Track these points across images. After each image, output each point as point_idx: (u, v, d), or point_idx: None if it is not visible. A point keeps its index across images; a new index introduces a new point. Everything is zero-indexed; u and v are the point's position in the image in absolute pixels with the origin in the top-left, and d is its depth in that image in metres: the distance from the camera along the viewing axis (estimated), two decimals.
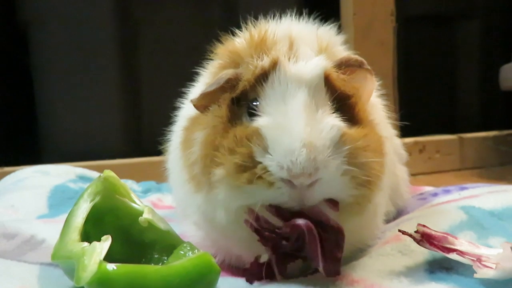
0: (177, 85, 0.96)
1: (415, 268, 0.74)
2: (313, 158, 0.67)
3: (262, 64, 0.74)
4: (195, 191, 0.78)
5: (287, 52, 0.75)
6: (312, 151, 0.67)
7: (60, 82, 2.04)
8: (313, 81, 0.73)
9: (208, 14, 2.15)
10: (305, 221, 0.68)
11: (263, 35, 0.78)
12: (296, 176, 0.67)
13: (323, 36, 0.82)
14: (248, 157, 0.69)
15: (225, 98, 0.76)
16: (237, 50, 0.79)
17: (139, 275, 0.64)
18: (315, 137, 0.68)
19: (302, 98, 0.71)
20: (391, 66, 2.13)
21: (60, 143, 2.05)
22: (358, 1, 2.11)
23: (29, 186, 1.41)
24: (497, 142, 2.45)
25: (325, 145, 0.69)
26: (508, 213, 0.92)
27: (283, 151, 0.67)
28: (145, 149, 1.97)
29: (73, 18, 2.02)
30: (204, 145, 0.74)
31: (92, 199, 0.81)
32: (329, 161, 0.68)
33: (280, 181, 0.68)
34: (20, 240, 0.92)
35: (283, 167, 0.67)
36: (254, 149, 0.69)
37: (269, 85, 0.73)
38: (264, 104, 0.73)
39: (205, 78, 0.89)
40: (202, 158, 0.74)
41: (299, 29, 0.83)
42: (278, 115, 0.71)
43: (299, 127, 0.68)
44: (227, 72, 0.77)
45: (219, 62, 0.83)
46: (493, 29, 2.67)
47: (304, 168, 0.66)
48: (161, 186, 1.59)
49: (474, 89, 2.69)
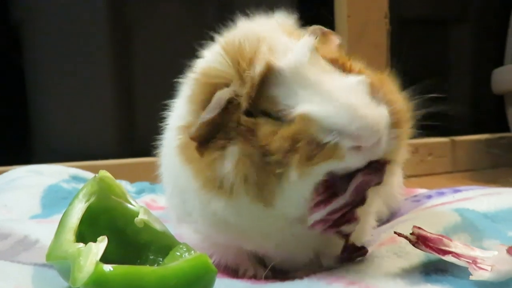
0: (171, 85, 0.96)
1: (411, 270, 0.74)
2: (372, 115, 0.68)
3: (258, 71, 0.72)
4: (213, 198, 0.75)
5: (270, 51, 0.74)
6: (367, 109, 0.68)
7: (53, 81, 2.03)
8: (312, 58, 0.73)
9: (202, 13, 2.15)
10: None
11: (238, 45, 0.76)
12: (367, 139, 0.67)
13: (282, 23, 0.82)
14: (312, 144, 0.68)
15: (239, 115, 0.73)
16: (216, 72, 0.77)
17: (135, 276, 0.64)
18: (356, 97, 0.69)
19: (316, 75, 0.72)
20: (385, 68, 2.13)
21: (53, 143, 2.04)
22: (352, 4, 2.12)
23: (22, 186, 1.40)
24: (489, 145, 2.47)
25: (368, 99, 0.70)
26: (501, 216, 0.93)
27: (346, 121, 0.67)
28: (139, 150, 1.97)
29: (65, 17, 2.01)
30: (246, 160, 0.71)
31: (87, 200, 0.80)
32: (380, 109, 0.70)
33: (350, 149, 0.68)
34: (14, 240, 0.92)
35: (354, 136, 0.67)
36: (315, 133, 0.68)
37: (277, 84, 0.72)
38: (285, 102, 0.72)
39: (185, 103, 0.84)
40: (249, 172, 0.71)
41: (260, 25, 0.81)
42: (311, 98, 0.70)
43: (338, 95, 0.69)
44: (223, 93, 0.74)
45: (197, 91, 0.80)
46: (486, 32, 2.69)
47: (372, 127, 0.67)
48: (155, 187, 1.58)
49: (466, 92, 2.71)
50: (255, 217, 0.75)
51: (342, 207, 0.71)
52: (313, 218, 0.72)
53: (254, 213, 0.74)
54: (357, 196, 0.71)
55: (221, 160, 0.73)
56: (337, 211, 0.71)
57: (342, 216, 0.72)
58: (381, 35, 2.16)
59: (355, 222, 0.74)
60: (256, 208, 0.73)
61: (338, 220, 0.72)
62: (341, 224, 0.73)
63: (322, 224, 0.72)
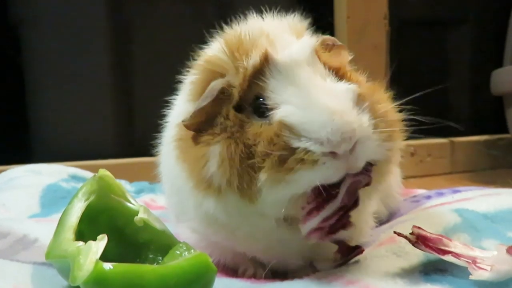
0: (170, 85, 0.96)
1: (410, 270, 0.74)
2: (346, 121, 0.67)
3: (252, 62, 0.73)
4: (204, 198, 0.76)
5: (269, 44, 0.75)
6: (343, 116, 0.68)
7: (52, 81, 2.02)
8: (310, 58, 0.74)
9: (202, 13, 2.15)
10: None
11: (239, 37, 0.77)
12: (338, 144, 0.67)
13: (293, 24, 0.82)
14: (284, 149, 0.69)
15: (228, 108, 0.75)
16: (215, 61, 0.78)
17: (135, 274, 0.63)
18: (338, 103, 0.69)
19: (307, 75, 0.72)
20: (384, 69, 2.14)
21: (52, 142, 2.03)
22: (351, 5, 2.12)
23: (21, 185, 1.40)
24: (488, 146, 2.47)
25: (350, 107, 0.70)
26: (500, 216, 0.93)
27: (317, 127, 0.67)
28: (138, 149, 1.96)
29: (65, 16, 2.01)
30: (229, 160, 0.71)
31: (87, 198, 0.80)
32: (360, 119, 0.70)
33: (322, 156, 0.68)
34: (13, 239, 0.92)
35: (323, 141, 0.67)
36: (287, 139, 0.69)
37: (269, 77, 0.73)
38: (274, 97, 0.72)
39: (185, 96, 0.86)
40: (231, 173, 0.71)
41: (268, 23, 0.82)
42: (294, 99, 0.71)
43: (320, 100, 0.69)
44: (216, 83, 0.75)
45: (198, 78, 0.81)
46: (485, 34, 2.69)
47: (343, 133, 0.67)
48: (154, 186, 1.58)
49: (465, 93, 2.71)
50: (242, 216, 0.75)
51: (335, 212, 0.71)
52: (307, 227, 0.72)
53: (241, 211, 0.74)
54: (349, 199, 0.71)
55: (206, 160, 0.73)
56: (331, 217, 0.71)
57: (337, 221, 0.72)
58: (380, 36, 2.16)
59: (351, 227, 0.73)
60: (243, 206, 0.73)
61: (334, 226, 0.72)
62: (337, 230, 0.73)
63: (318, 232, 0.72)
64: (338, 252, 0.77)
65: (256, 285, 0.78)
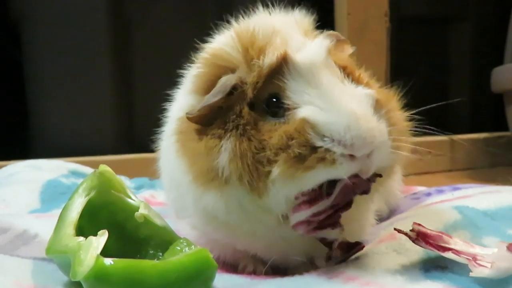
0: (170, 80, 0.96)
1: (410, 267, 0.74)
2: (370, 127, 0.69)
3: (268, 61, 0.73)
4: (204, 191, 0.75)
5: (284, 44, 0.75)
6: (367, 121, 0.69)
7: (52, 77, 2.02)
8: (327, 60, 0.74)
9: (201, 10, 2.15)
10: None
11: (252, 34, 0.76)
12: (358, 148, 0.68)
13: (300, 20, 0.82)
14: (304, 146, 0.69)
15: (242, 106, 0.74)
16: (223, 55, 0.77)
17: (136, 270, 0.64)
18: (361, 108, 0.70)
19: (328, 78, 0.72)
20: (385, 66, 2.14)
21: (52, 138, 2.03)
22: (352, 1, 2.12)
23: (21, 180, 1.40)
24: (488, 144, 2.46)
25: (371, 112, 0.71)
26: (501, 213, 0.93)
27: (342, 129, 0.68)
28: (138, 145, 1.96)
29: (65, 14, 2.00)
30: (240, 157, 0.71)
31: (87, 194, 0.80)
32: (380, 126, 0.71)
33: (341, 157, 0.68)
34: (13, 234, 0.92)
35: (346, 144, 0.68)
36: (310, 137, 0.69)
37: (288, 78, 0.73)
38: (294, 97, 0.72)
39: (187, 90, 0.85)
40: (243, 168, 0.71)
41: (277, 19, 0.81)
42: (317, 100, 0.71)
43: (344, 103, 0.69)
44: (229, 78, 0.75)
45: (203, 71, 0.80)
46: (486, 31, 2.69)
47: (365, 138, 0.68)
48: (154, 182, 1.58)
49: (465, 91, 2.71)
50: (245, 212, 0.74)
51: (326, 209, 0.72)
52: (296, 218, 0.72)
53: (244, 207, 0.74)
54: (342, 200, 0.72)
55: (217, 152, 0.73)
56: (321, 213, 0.72)
57: (326, 219, 0.72)
58: (381, 33, 2.16)
59: (339, 228, 0.74)
60: (249, 201, 0.73)
61: (322, 223, 0.73)
62: (325, 227, 0.73)
63: (306, 225, 0.72)
64: (338, 249, 0.77)
65: (256, 281, 0.78)
